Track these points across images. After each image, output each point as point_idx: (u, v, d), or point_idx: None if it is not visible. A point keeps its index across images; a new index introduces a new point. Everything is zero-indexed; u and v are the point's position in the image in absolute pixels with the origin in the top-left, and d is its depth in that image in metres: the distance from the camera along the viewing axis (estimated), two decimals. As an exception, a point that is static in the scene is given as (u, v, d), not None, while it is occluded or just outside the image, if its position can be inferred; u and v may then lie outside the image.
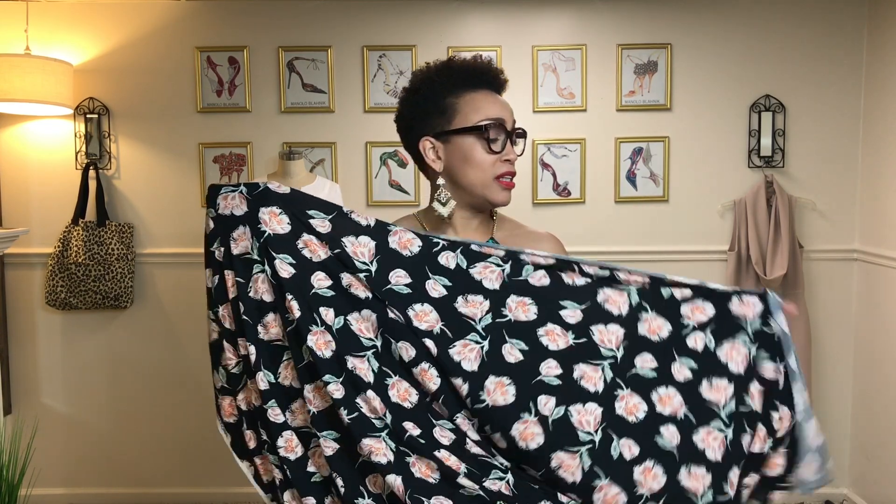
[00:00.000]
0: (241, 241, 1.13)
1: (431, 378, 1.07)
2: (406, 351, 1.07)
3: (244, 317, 1.12)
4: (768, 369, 1.12)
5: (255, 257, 1.12)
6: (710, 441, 1.07)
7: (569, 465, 1.03)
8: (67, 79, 2.80)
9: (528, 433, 1.04)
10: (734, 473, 1.07)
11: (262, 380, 1.11)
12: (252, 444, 1.16)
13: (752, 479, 1.11)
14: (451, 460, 1.03)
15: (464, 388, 1.06)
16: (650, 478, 1.04)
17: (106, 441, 3.13)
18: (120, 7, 2.98)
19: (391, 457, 1.03)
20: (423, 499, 1.00)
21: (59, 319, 3.08)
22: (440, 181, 1.27)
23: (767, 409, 1.11)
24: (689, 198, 3.02)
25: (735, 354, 1.12)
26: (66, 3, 2.97)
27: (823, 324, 3.02)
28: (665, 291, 1.15)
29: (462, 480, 1.01)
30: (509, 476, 1.04)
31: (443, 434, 1.05)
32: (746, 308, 1.15)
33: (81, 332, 3.09)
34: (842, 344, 3.03)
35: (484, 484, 1.02)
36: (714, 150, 3.01)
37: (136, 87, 3.01)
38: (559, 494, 1.04)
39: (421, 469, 1.03)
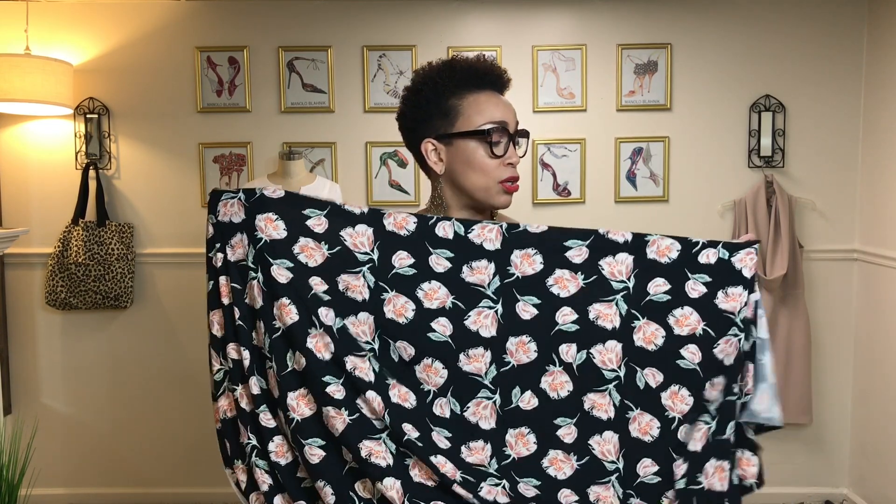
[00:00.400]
0: (238, 249, 1.14)
1: (437, 371, 1.07)
2: (406, 350, 1.08)
3: (239, 322, 1.12)
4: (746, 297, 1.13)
5: (250, 265, 1.12)
6: (728, 349, 1.08)
7: (601, 404, 1.07)
8: (67, 79, 2.80)
9: (557, 383, 1.08)
10: (743, 374, 1.09)
11: (255, 385, 1.11)
12: (229, 452, 1.16)
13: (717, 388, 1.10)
14: (448, 467, 1.03)
15: (486, 356, 1.08)
16: (678, 401, 1.07)
17: (106, 441, 3.13)
18: (120, 7, 2.98)
19: (390, 460, 1.03)
20: (422, 503, 1.01)
21: (59, 319, 3.08)
22: (440, 182, 1.27)
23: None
24: (689, 198, 3.02)
25: (749, 261, 1.12)
26: (66, 3, 2.97)
27: (823, 324, 3.02)
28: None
29: (457, 489, 1.01)
30: (504, 482, 1.04)
31: (439, 439, 1.06)
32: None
33: (81, 332, 3.08)
34: (842, 344, 3.03)
35: (479, 493, 1.02)
36: (714, 150, 3.00)
37: (136, 87, 3.01)
38: (558, 495, 1.05)
39: (419, 472, 1.03)
